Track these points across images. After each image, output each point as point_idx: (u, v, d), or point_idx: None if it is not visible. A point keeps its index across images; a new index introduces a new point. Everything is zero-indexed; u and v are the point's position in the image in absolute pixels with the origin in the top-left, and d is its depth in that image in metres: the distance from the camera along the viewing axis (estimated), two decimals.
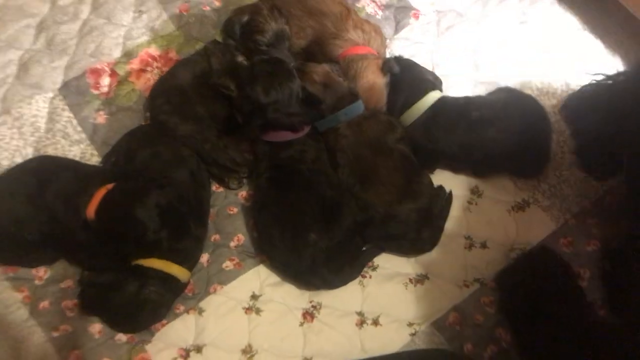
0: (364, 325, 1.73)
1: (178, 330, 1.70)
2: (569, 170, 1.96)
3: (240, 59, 1.90)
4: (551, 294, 1.71)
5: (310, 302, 1.76)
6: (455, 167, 1.95)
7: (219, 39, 2.06)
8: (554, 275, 1.76)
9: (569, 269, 1.79)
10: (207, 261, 1.79)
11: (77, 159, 1.89)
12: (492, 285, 1.80)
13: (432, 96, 1.89)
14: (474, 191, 1.93)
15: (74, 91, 1.98)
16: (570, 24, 2.23)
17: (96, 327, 1.69)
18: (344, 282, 1.75)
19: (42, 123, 1.94)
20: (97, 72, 2.02)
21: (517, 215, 1.90)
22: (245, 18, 1.92)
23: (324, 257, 1.67)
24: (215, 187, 1.89)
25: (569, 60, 2.15)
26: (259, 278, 1.78)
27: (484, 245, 1.85)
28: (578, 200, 1.93)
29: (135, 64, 2.05)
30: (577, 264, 1.82)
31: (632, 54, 2.17)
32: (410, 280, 1.80)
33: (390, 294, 1.77)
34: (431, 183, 1.81)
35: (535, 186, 1.94)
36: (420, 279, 1.80)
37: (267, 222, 1.75)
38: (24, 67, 2.02)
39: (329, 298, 1.76)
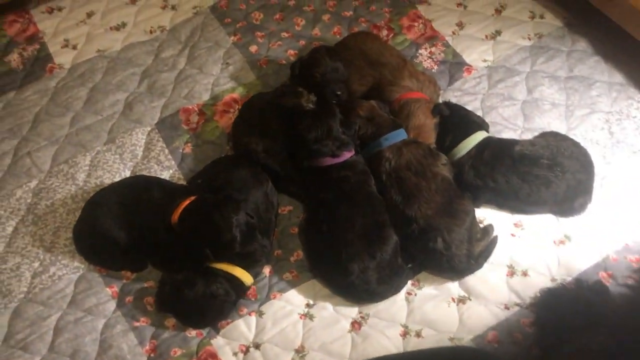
0: (407, 336, 1.89)
1: (240, 329, 1.92)
2: (611, 208, 2.09)
3: (300, 89, 2.20)
4: (585, 328, 1.78)
5: (360, 312, 1.94)
6: (501, 202, 2.11)
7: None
8: (590, 309, 1.84)
9: (609, 302, 1.89)
10: (270, 272, 2.02)
11: None
12: (532, 309, 1.92)
13: (479, 135, 2.10)
14: (518, 225, 2.08)
15: (168, 126, 2.33)
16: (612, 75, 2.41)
17: (170, 322, 1.94)
18: (384, 296, 1.93)
19: (139, 151, 2.28)
20: (188, 111, 2.37)
21: (559, 249, 2.03)
22: (305, 57, 2.25)
23: (368, 273, 1.87)
24: (281, 209, 2.15)
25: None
26: (313, 289, 1.99)
27: (525, 274, 1.99)
28: (619, 238, 2.04)
29: (220, 106, 2.39)
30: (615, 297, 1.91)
31: None
32: (453, 299, 1.95)
33: (433, 311, 1.93)
34: (473, 210, 1.98)
35: (577, 221, 2.07)
36: (463, 299, 1.95)
37: (313, 240, 2.00)
38: (128, 105, 2.40)
39: (376, 310, 1.93)
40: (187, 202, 1.91)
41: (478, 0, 2.66)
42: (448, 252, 1.88)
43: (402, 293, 1.96)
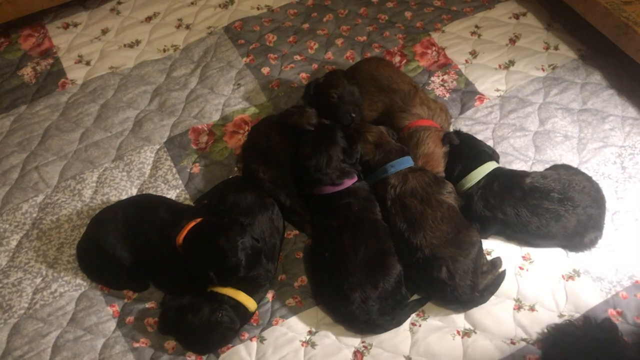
0: None
1: (241, 354, 1.89)
2: (621, 244, 2.05)
3: (309, 109, 2.21)
4: None
5: (362, 342, 1.90)
6: (509, 235, 2.08)
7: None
8: (599, 348, 1.80)
9: (618, 341, 1.84)
10: (273, 296, 2.00)
11: None
12: (539, 345, 1.88)
13: (489, 166, 2.08)
14: (526, 258, 2.05)
15: (177, 145, 2.33)
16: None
17: (170, 344, 1.91)
18: (386, 328, 1.90)
19: (147, 169, 2.28)
20: (197, 131, 2.37)
21: (567, 284, 1.99)
22: (322, 78, 2.25)
23: (372, 301, 1.84)
24: (287, 234, 2.13)
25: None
26: (316, 316, 1.96)
27: (532, 308, 1.95)
28: (630, 274, 2.00)
29: (230, 127, 2.39)
30: (625, 336, 1.87)
31: None
32: (458, 332, 1.91)
33: (437, 343, 1.89)
34: (480, 241, 1.95)
35: (586, 257, 2.04)
36: (468, 332, 1.91)
37: (316, 267, 1.98)
38: (138, 123, 2.40)
39: (379, 340, 1.90)
40: (192, 223, 1.90)
41: (492, 30, 2.66)
42: (452, 282, 1.85)
43: (407, 323, 1.93)
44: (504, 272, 1.99)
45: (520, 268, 2.03)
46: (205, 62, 2.57)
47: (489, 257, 2.01)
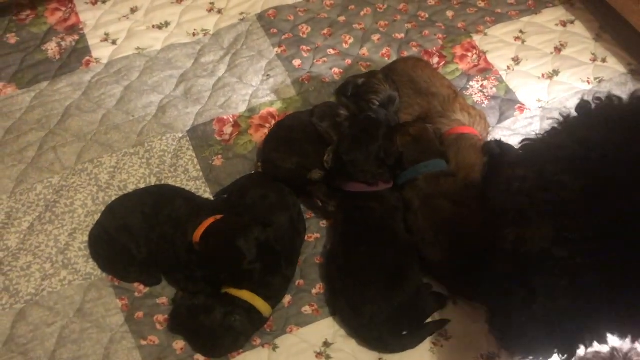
0: None
1: None
2: None
3: (343, 112, 2.09)
4: None
5: (380, 358, 1.80)
6: None
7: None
8: None
9: None
10: (289, 302, 1.90)
11: None
12: None
13: None
14: None
15: (200, 135, 2.23)
16: None
17: (179, 344, 1.83)
18: (402, 347, 1.79)
19: (167, 158, 2.18)
20: (222, 122, 2.27)
21: None
22: (361, 80, 2.12)
23: (384, 318, 1.74)
24: (307, 237, 2.02)
25: None
26: (333, 327, 1.86)
27: None
28: None
29: (256, 120, 2.28)
30: None
31: None
32: (482, 355, 1.80)
33: None
34: None
35: None
36: (492, 356, 1.80)
37: (332, 275, 1.88)
38: (162, 109, 2.30)
39: (399, 358, 1.80)
40: (211, 220, 1.81)
41: (538, 36, 2.52)
42: None
43: (428, 342, 1.82)
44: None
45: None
46: (235, 50, 2.47)
47: None
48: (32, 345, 1.81)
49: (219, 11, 2.60)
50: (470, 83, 2.39)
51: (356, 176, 1.92)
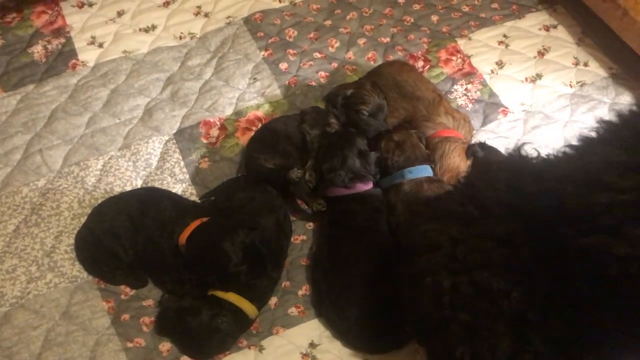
0: None
1: None
2: None
3: (334, 121, 2.10)
4: None
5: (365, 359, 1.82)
6: None
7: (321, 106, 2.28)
8: None
9: None
10: (275, 304, 1.91)
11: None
12: None
13: None
14: None
15: (186, 137, 2.24)
16: None
17: (166, 346, 1.83)
18: (388, 348, 1.81)
19: (154, 160, 2.19)
20: (209, 124, 2.28)
21: None
22: (350, 91, 2.13)
23: (367, 319, 1.76)
24: (294, 238, 2.04)
25: None
26: (319, 329, 1.87)
27: None
28: None
29: (242, 123, 2.30)
30: None
31: None
32: None
33: None
34: None
35: None
36: None
37: (318, 277, 1.90)
38: (148, 112, 2.31)
39: (384, 358, 1.81)
40: (197, 222, 1.82)
41: (521, 40, 2.55)
42: None
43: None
44: None
45: None
46: (222, 53, 2.48)
47: None
48: (18, 349, 1.81)
49: (206, 15, 2.61)
50: (455, 87, 2.41)
51: (333, 181, 1.96)
